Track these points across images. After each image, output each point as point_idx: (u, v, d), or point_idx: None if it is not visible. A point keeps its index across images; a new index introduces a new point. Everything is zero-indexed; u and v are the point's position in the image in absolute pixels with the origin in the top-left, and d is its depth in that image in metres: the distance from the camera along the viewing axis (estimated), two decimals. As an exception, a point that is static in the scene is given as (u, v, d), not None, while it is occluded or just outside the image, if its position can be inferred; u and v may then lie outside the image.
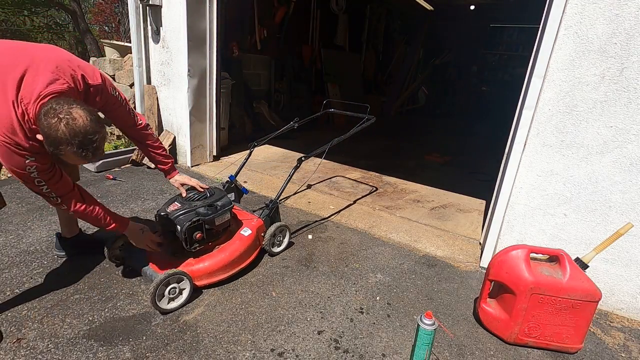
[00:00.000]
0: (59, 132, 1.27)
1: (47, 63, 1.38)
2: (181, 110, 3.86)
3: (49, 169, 1.45)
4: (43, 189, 1.47)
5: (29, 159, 1.37)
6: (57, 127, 1.27)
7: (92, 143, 1.35)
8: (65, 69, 1.42)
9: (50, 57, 1.41)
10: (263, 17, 5.73)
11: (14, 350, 1.52)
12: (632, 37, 1.82)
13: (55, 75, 1.37)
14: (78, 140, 1.30)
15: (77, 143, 1.30)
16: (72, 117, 1.29)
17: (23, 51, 1.42)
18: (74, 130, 1.29)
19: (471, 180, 4.47)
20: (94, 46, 8.45)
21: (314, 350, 1.66)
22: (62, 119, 1.27)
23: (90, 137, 1.33)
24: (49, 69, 1.37)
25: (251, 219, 2.30)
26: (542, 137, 2.13)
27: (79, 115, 1.30)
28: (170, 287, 1.81)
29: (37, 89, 1.32)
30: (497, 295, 1.86)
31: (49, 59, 1.40)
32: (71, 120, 1.28)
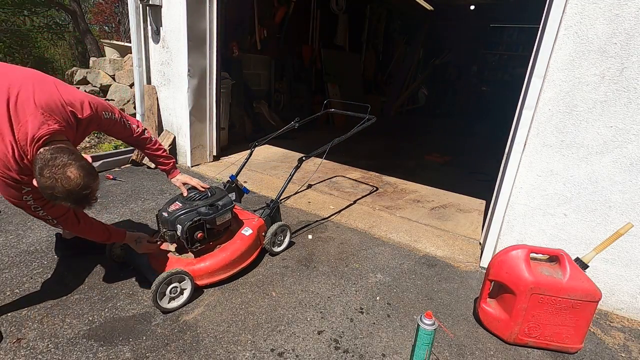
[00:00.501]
0: (55, 191, 1.33)
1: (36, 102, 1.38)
2: (181, 110, 3.86)
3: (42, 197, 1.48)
4: (39, 213, 1.53)
5: (25, 189, 1.43)
6: (54, 186, 1.32)
7: (86, 197, 1.40)
8: (55, 108, 1.43)
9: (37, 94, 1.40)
10: (263, 17, 5.73)
11: (14, 350, 1.52)
12: (632, 37, 1.82)
13: (46, 117, 1.38)
14: (73, 198, 1.36)
15: (72, 199, 1.37)
16: (67, 177, 1.33)
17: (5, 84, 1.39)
18: (68, 190, 1.34)
19: (471, 180, 4.47)
20: (94, 46, 8.45)
21: (314, 350, 1.66)
22: (57, 180, 1.32)
23: (84, 192, 1.38)
24: (37, 109, 1.37)
25: (252, 219, 2.30)
26: (542, 137, 2.13)
27: (73, 175, 1.34)
28: (172, 287, 1.81)
29: (31, 132, 1.34)
30: (497, 295, 1.86)
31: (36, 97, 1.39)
32: (66, 181, 1.33)
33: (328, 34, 7.50)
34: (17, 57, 9.84)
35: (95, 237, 1.76)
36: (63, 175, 1.32)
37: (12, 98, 1.36)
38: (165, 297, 1.80)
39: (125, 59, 4.84)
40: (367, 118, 2.82)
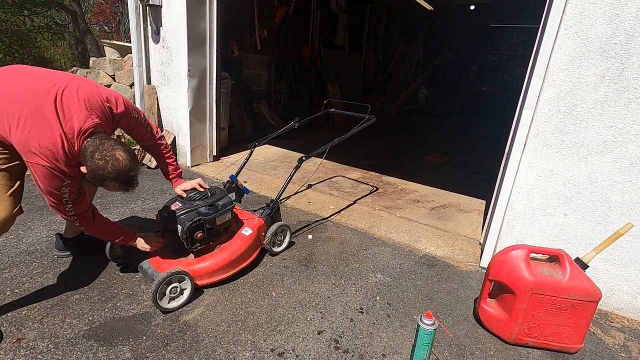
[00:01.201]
0: (105, 172, 1.48)
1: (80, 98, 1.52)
2: (181, 110, 3.86)
3: (78, 191, 1.62)
4: (67, 207, 1.61)
5: (66, 182, 1.54)
6: (104, 167, 1.47)
7: (132, 178, 1.57)
8: (95, 103, 1.57)
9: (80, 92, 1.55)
10: (263, 17, 5.73)
11: (14, 350, 1.52)
12: (632, 37, 1.82)
13: (90, 111, 1.53)
14: (121, 178, 1.52)
15: (120, 180, 1.52)
16: (116, 159, 1.49)
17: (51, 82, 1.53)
18: (117, 170, 1.49)
19: (471, 180, 4.47)
20: (94, 46, 8.45)
21: (314, 350, 1.66)
22: (108, 161, 1.48)
23: (131, 174, 1.55)
24: (82, 104, 1.52)
25: (252, 219, 2.30)
26: (542, 137, 2.13)
27: (121, 157, 1.51)
28: (172, 287, 1.81)
29: (77, 125, 1.49)
30: (497, 295, 1.86)
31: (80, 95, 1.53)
32: (115, 162, 1.49)
33: (328, 34, 7.50)
34: (17, 57, 9.84)
35: (108, 236, 1.83)
36: (113, 157, 1.48)
37: (58, 95, 1.49)
38: (165, 297, 1.80)
39: (125, 59, 4.83)
40: (367, 118, 2.82)
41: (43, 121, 1.45)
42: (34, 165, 1.46)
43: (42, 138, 1.44)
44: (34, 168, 1.47)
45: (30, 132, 1.43)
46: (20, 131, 1.43)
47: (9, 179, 1.62)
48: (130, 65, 4.47)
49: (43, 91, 1.49)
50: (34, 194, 2.93)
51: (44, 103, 1.46)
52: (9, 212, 1.62)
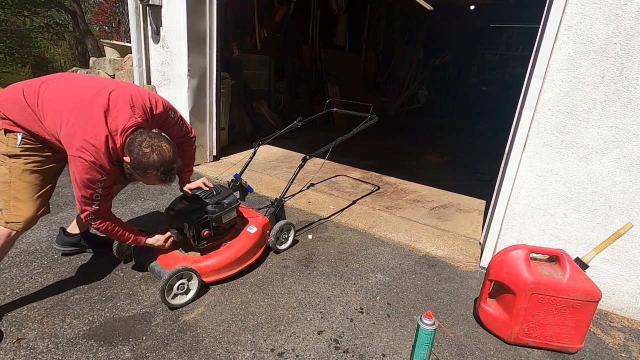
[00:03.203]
0: (150, 160, 1.58)
1: (124, 98, 1.63)
2: (181, 110, 3.81)
3: (109, 187, 1.69)
4: (94, 204, 1.65)
5: (103, 177, 1.60)
6: (150, 155, 1.57)
7: (172, 170, 1.67)
8: (138, 103, 1.67)
9: (126, 93, 1.66)
10: (263, 17, 5.72)
11: (14, 350, 1.52)
12: (632, 37, 1.82)
13: (132, 111, 1.63)
14: (164, 168, 1.62)
15: (163, 170, 1.62)
16: (162, 149, 1.60)
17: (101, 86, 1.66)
18: (162, 159, 1.60)
19: (471, 180, 4.47)
20: (94, 46, 8.46)
21: (314, 350, 1.66)
22: (154, 150, 1.58)
23: (172, 165, 1.65)
24: (127, 104, 1.62)
25: (257, 217, 2.32)
26: (542, 137, 2.13)
27: (166, 149, 1.62)
28: (179, 283, 1.83)
29: (122, 124, 1.58)
30: (497, 295, 1.86)
31: (125, 96, 1.64)
32: (162, 151, 1.60)
33: (328, 34, 7.49)
34: (17, 57, 9.84)
35: (122, 237, 1.86)
36: (160, 147, 1.59)
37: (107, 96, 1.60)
38: (173, 293, 1.82)
39: (125, 59, 4.84)
40: (370, 117, 2.82)
41: (90, 119, 1.54)
42: (77, 159, 1.52)
43: (88, 134, 1.52)
44: (76, 162, 1.53)
45: (77, 128, 1.52)
46: (69, 127, 1.52)
47: (42, 181, 1.69)
48: (130, 65, 4.47)
49: (93, 93, 1.59)
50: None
51: (93, 104, 1.56)
52: (33, 213, 1.66)
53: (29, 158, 1.62)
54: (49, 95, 1.58)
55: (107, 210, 1.75)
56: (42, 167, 1.67)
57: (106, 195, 1.68)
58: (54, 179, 1.77)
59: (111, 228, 1.78)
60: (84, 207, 1.64)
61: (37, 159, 1.65)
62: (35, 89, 1.59)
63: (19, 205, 1.62)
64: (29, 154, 1.62)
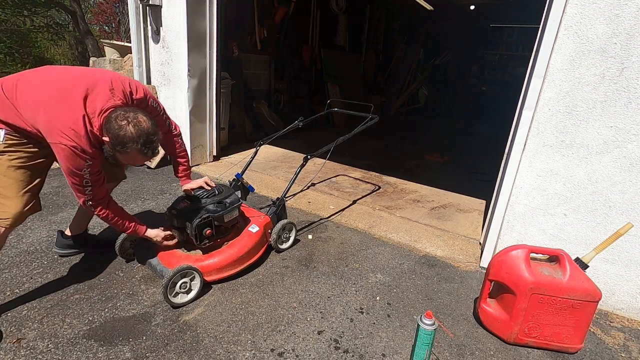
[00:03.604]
0: (127, 132, 1.53)
1: (104, 83, 1.63)
2: (181, 111, 3.86)
3: (98, 172, 1.66)
4: (87, 190, 1.65)
5: (88, 162, 1.58)
6: (126, 128, 1.53)
7: (153, 142, 1.62)
8: (117, 87, 1.66)
9: (105, 77, 1.66)
10: (263, 17, 5.72)
11: (14, 350, 1.52)
12: (632, 37, 1.82)
13: (111, 94, 1.62)
14: (143, 140, 1.56)
15: (142, 142, 1.56)
16: (138, 121, 1.56)
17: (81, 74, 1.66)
18: (140, 130, 1.55)
19: (471, 180, 4.47)
20: (94, 46, 8.46)
21: (314, 350, 1.66)
22: (130, 122, 1.54)
23: (152, 137, 1.60)
24: (106, 88, 1.61)
25: (258, 216, 2.33)
26: (542, 137, 2.13)
27: (143, 120, 1.58)
28: (181, 282, 1.84)
29: (99, 105, 1.57)
30: (497, 295, 1.86)
31: (105, 79, 1.64)
32: (138, 123, 1.56)
33: (328, 34, 7.49)
34: (17, 57, 9.84)
35: (122, 227, 1.85)
36: (135, 120, 1.55)
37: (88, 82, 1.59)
38: (175, 292, 1.83)
39: (125, 59, 4.83)
40: (370, 117, 2.83)
41: (69, 106, 1.53)
42: (58, 145, 1.51)
43: (66, 118, 1.51)
44: (58, 149, 1.52)
45: (56, 115, 1.51)
46: (47, 115, 1.51)
47: (29, 177, 1.67)
48: (130, 65, 4.47)
49: (73, 82, 1.58)
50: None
51: (73, 92, 1.55)
52: (20, 209, 1.65)
53: (13, 154, 1.60)
54: (27, 86, 1.57)
55: (104, 196, 1.74)
56: (29, 163, 1.65)
57: (96, 180, 1.66)
58: (42, 174, 1.75)
59: (111, 216, 1.78)
60: (78, 194, 1.65)
61: (23, 155, 1.63)
62: (15, 82, 1.59)
63: (5, 202, 1.61)
64: (14, 150, 1.60)
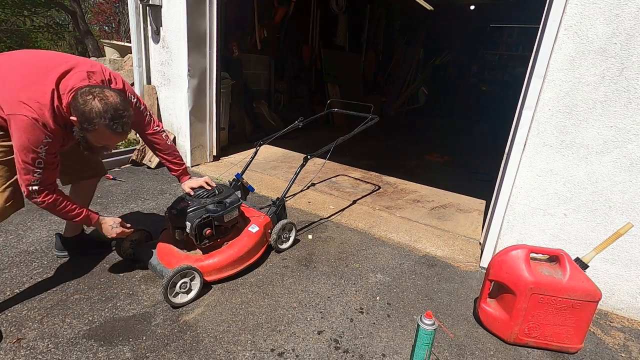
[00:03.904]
0: (93, 107, 1.46)
1: (84, 66, 1.62)
2: (181, 111, 3.86)
3: (54, 154, 1.59)
4: (37, 172, 1.54)
5: (47, 139, 1.51)
6: (92, 102, 1.46)
7: (122, 117, 1.53)
8: (97, 72, 1.64)
9: (87, 62, 1.66)
10: (263, 17, 5.72)
11: (14, 350, 1.52)
12: (632, 37, 1.82)
13: (90, 75, 1.59)
14: (110, 115, 1.48)
15: (110, 117, 1.48)
16: (105, 95, 1.49)
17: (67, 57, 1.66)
18: (106, 104, 1.47)
19: (471, 180, 4.47)
20: (94, 46, 8.46)
21: (314, 350, 1.66)
22: (96, 96, 1.47)
23: (120, 112, 1.51)
24: (85, 70, 1.59)
25: (258, 216, 2.33)
26: (542, 137, 2.13)
27: (110, 95, 1.51)
28: (181, 282, 1.84)
29: (72, 84, 1.53)
30: (497, 295, 1.86)
31: (86, 64, 1.64)
32: (104, 97, 1.48)
33: (328, 34, 7.49)
34: (17, 57, 9.82)
35: (71, 213, 1.72)
36: (102, 94, 1.48)
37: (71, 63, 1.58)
38: (175, 292, 1.83)
39: (125, 59, 4.84)
40: (370, 117, 2.83)
41: (40, 80, 1.49)
42: (18, 116, 1.43)
43: (32, 91, 1.47)
44: (17, 120, 1.44)
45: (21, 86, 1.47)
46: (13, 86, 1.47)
47: (7, 172, 1.64)
48: (130, 65, 4.47)
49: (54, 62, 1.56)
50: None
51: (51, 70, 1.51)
52: (1, 205, 1.63)
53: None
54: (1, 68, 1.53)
55: (53, 183, 1.63)
56: (6, 158, 1.60)
57: (51, 163, 1.57)
58: None
59: (60, 202, 1.65)
60: (25, 175, 1.52)
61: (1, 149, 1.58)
62: None
63: None
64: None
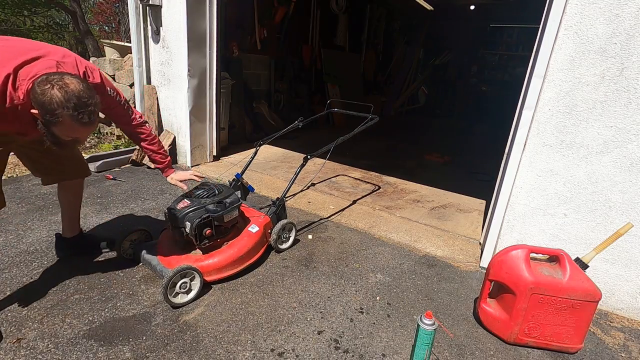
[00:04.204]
0: (53, 97, 1.30)
1: (55, 55, 1.46)
2: (181, 111, 3.86)
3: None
4: None
5: None
6: (50, 92, 1.30)
7: (87, 106, 1.37)
8: (69, 63, 1.49)
9: (59, 52, 1.50)
10: (263, 17, 5.72)
11: (14, 350, 1.52)
12: (632, 37, 1.82)
13: (58, 65, 1.43)
14: (73, 103, 1.32)
15: (72, 106, 1.32)
16: (65, 83, 1.32)
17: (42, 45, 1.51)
18: (67, 93, 1.31)
19: (471, 180, 4.47)
20: (94, 46, 8.45)
21: (314, 350, 1.66)
22: (54, 85, 1.31)
23: (84, 100, 1.35)
24: (55, 59, 1.43)
25: (258, 216, 2.33)
26: (542, 137, 2.13)
27: (70, 82, 1.34)
28: (181, 282, 1.84)
29: (34, 71, 1.37)
30: (497, 295, 1.86)
31: (58, 53, 1.48)
32: (64, 85, 1.32)
33: (328, 34, 7.49)
34: (17, 57, 9.82)
35: None
36: (61, 82, 1.32)
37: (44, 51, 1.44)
38: (175, 292, 1.83)
39: (125, 59, 4.83)
40: (370, 117, 2.83)
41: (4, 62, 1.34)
42: None
43: None
44: None
45: None
46: None
47: None
48: (130, 65, 4.47)
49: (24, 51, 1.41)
50: (34, 194, 2.93)
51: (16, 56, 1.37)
52: None
53: None
54: None
55: None
56: None
57: None
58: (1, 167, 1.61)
59: None
60: None
61: None
62: None
63: None
64: None
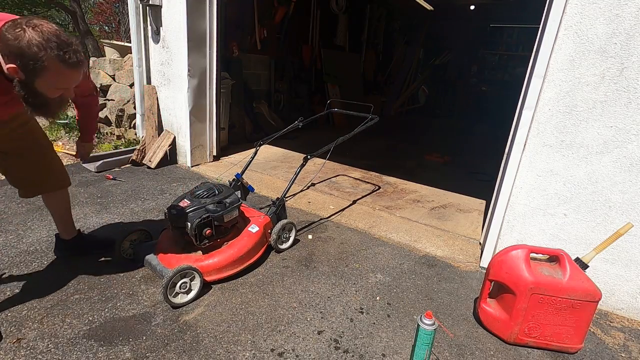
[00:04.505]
0: (31, 40, 1.18)
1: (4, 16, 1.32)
2: (181, 111, 3.86)
3: None
4: None
5: None
6: (24, 34, 1.17)
7: (70, 45, 1.25)
8: None
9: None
10: (263, 17, 5.72)
11: (14, 350, 1.52)
12: (632, 37, 1.82)
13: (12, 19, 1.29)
14: (55, 42, 1.21)
15: (55, 45, 1.21)
16: (36, 24, 1.20)
17: None
18: (44, 33, 1.20)
19: (471, 180, 4.47)
20: (94, 46, 8.45)
21: (314, 350, 1.66)
22: (26, 27, 1.18)
23: (64, 38, 1.24)
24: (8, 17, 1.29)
25: (258, 216, 2.33)
26: (542, 137, 2.13)
27: (40, 22, 1.22)
28: (181, 282, 1.84)
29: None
30: (497, 295, 1.86)
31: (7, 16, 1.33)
32: (36, 25, 1.20)
33: (328, 34, 7.49)
34: (17, 57, 9.82)
35: None
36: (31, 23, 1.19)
37: None
38: (175, 292, 1.83)
39: (125, 59, 4.84)
40: (370, 117, 2.83)
41: None
42: None
43: None
44: None
45: None
46: None
47: None
48: (130, 65, 4.47)
49: None
50: (34, 194, 2.93)
51: None
52: None
53: None
54: None
55: None
56: None
57: None
58: None
59: None
60: None
61: None
62: None
63: None
64: None
